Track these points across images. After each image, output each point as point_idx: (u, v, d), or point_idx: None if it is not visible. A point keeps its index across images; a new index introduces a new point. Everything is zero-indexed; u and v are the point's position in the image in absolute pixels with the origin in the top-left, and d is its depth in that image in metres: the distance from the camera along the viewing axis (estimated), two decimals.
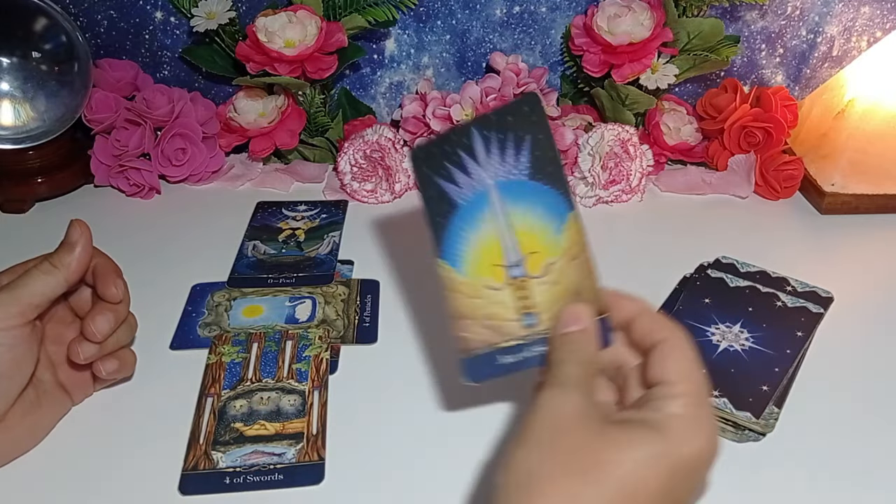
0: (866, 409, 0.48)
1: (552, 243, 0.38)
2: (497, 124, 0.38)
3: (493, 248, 0.38)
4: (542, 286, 0.38)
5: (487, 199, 0.38)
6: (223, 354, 0.50)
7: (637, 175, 0.70)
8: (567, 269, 0.38)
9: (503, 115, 0.38)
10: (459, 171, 0.38)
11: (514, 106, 0.38)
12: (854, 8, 0.74)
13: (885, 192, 0.68)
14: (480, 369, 0.39)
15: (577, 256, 0.38)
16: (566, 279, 0.38)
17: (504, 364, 0.38)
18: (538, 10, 0.74)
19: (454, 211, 0.38)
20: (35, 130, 0.65)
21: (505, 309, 0.38)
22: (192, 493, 0.40)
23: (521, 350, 0.38)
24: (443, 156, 0.38)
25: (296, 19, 0.66)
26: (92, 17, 0.72)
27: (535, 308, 0.38)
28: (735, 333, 0.51)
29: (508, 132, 0.38)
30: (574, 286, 0.38)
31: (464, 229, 0.38)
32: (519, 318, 0.38)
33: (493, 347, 0.38)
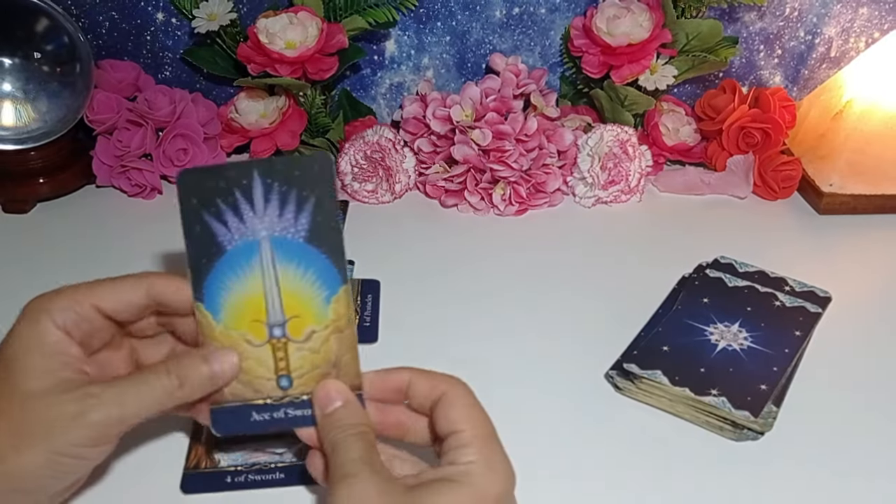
0: (864, 407, 0.48)
1: (318, 312, 0.37)
2: (282, 175, 0.36)
3: (256, 303, 0.37)
4: (302, 351, 0.37)
5: (258, 251, 0.37)
6: None
7: (636, 175, 0.70)
8: (330, 340, 0.38)
9: (291, 167, 0.36)
10: (232, 213, 0.36)
11: (304, 161, 0.37)
12: (852, 9, 0.75)
13: (883, 193, 0.68)
14: (229, 422, 0.38)
15: (342, 330, 0.38)
16: (326, 349, 0.38)
17: (255, 421, 0.38)
18: (538, 12, 0.74)
19: (220, 256, 0.37)
20: (37, 131, 0.65)
21: (261, 367, 0.37)
22: (194, 492, 0.41)
23: (273, 410, 0.38)
24: (216, 192, 0.36)
25: (297, 20, 0.66)
26: (93, 18, 0.72)
27: (292, 371, 0.37)
28: (733, 333, 0.51)
29: (293, 187, 0.36)
30: (334, 357, 0.38)
31: (228, 277, 0.37)
32: (274, 378, 0.38)
33: (246, 402, 0.38)
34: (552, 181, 0.68)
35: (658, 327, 0.52)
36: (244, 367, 0.38)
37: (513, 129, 0.65)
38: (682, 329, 0.51)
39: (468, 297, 0.57)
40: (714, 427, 0.45)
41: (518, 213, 0.68)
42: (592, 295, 0.58)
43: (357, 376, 0.38)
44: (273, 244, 0.37)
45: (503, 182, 0.67)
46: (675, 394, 0.46)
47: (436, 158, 0.69)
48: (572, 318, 0.55)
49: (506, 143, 0.65)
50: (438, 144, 0.68)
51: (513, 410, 0.47)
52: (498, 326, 0.54)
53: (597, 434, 0.45)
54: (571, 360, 0.51)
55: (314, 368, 0.38)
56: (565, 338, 0.53)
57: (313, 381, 0.38)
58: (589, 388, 0.49)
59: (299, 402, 0.38)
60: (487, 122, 0.65)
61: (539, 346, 0.52)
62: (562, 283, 0.59)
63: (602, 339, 0.52)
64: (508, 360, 0.51)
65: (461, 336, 0.53)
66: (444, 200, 0.69)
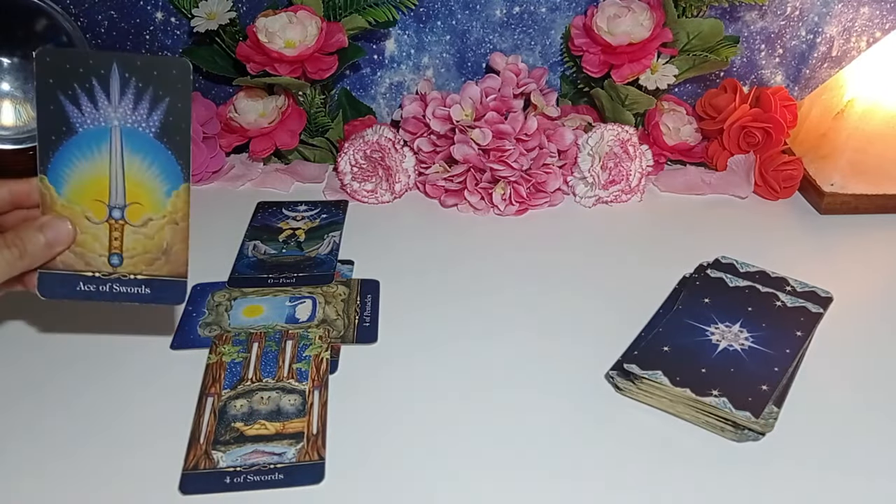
0: (866, 408, 0.48)
1: (158, 202, 0.42)
2: (141, 72, 0.39)
3: (99, 184, 0.41)
4: (137, 235, 0.42)
5: (108, 137, 0.40)
6: (224, 354, 0.50)
7: (636, 175, 0.70)
8: (164, 230, 0.42)
9: (150, 66, 0.39)
10: (87, 98, 0.39)
11: (163, 63, 0.39)
12: (853, 8, 0.74)
13: (885, 192, 0.68)
14: (55, 287, 0.42)
15: (178, 223, 0.42)
16: (160, 237, 0.42)
17: (80, 290, 0.42)
18: (538, 11, 0.74)
19: (70, 136, 0.40)
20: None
21: (96, 242, 0.42)
22: (193, 493, 0.41)
23: (99, 283, 0.42)
24: (73, 75, 0.39)
25: (296, 20, 0.66)
26: (92, 18, 0.72)
27: (124, 251, 0.42)
28: (735, 333, 0.51)
29: (149, 86, 0.39)
30: (165, 245, 0.42)
31: (75, 156, 0.40)
32: (106, 255, 0.42)
33: (75, 272, 0.42)
34: (552, 181, 0.68)
35: (659, 327, 0.51)
36: (79, 241, 0.41)
37: (513, 128, 0.65)
38: (683, 329, 0.51)
39: (468, 297, 0.57)
40: (715, 428, 0.45)
41: (518, 212, 0.68)
42: (593, 295, 0.58)
43: (184, 265, 0.43)
44: (123, 134, 0.40)
45: (503, 182, 0.67)
46: (676, 394, 0.46)
47: (436, 158, 0.69)
48: (572, 318, 0.55)
49: (506, 143, 0.65)
50: (438, 144, 0.68)
51: (513, 410, 0.47)
52: (498, 326, 0.54)
53: (597, 434, 0.45)
54: (571, 360, 0.51)
55: (145, 252, 0.42)
56: (565, 338, 0.53)
57: (143, 263, 0.42)
58: (589, 388, 0.49)
59: (126, 280, 0.42)
60: (487, 121, 0.65)
61: (539, 346, 0.52)
62: (562, 283, 0.59)
63: (602, 339, 0.52)
64: (508, 360, 0.51)
65: (461, 336, 0.53)
66: (444, 200, 0.69)
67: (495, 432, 0.45)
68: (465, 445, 0.44)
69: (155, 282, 0.43)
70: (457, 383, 0.49)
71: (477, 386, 0.49)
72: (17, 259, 0.39)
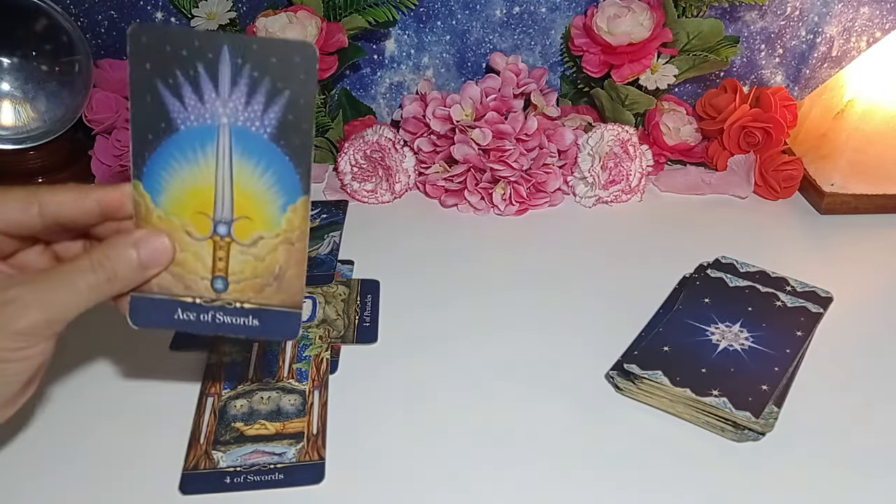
0: (866, 408, 0.48)
1: (271, 218, 0.34)
2: (257, 58, 0.32)
3: (203, 193, 0.34)
4: (245, 256, 0.35)
5: (215, 137, 0.33)
6: (224, 354, 0.50)
7: (637, 175, 0.70)
8: (277, 250, 0.35)
9: (268, 51, 0.32)
10: (191, 89, 0.32)
11: (284, 47, 0.32)
12: (853, 8, 0.74)
13: (885, 192, 0.68)
14: (150, 314, 0.35)
15: (293, 243, 0.35)
16: (272, 259, 0.35)
17: (178, 319, 0.36)
18: (538, 11, 0.74)
19: (170, 134, 0.33)
20: (36, 131, 0.65)
21: (198, 262, 0.35)
22: (193, 493, 0.41)
23: (200, 311, 0.35)
24: (175, 59, 0.32)
25: (296, 20, 0.66)
26: (93, 18, 0.72)
27: (230, 275, 0.35)
28: (735, 333, 0.51)
29: (266, 75, 0.32)
30: (277, 270, 0.35)
31: (176, 159, 0.33)
32: (209, 278, 0.35)
33: (172, 297, 0.35)
34: (552, 181, 0.68)
35: (659, 327, 0.51)
36: (178, 260, 0.35)
37: (513, 128, 0.65)
38: (683, 329, 0.51)
39: (468, 297, 0.57)
40: (715, 428, 0.45)
41: (518, 212, 0.68)
42: (593, 295, 0.57)
43: (299, 293, 0.36)
44: (233, 134, 0.33)
45: (503, 182, 0.67)
46: (676, 394, 0.46)
47: (436, 158, 0.69)
48: (572, 317, 0.55)
49: (506, 143, 0.65)
50: (438, 144, 0.68)
51: (513, 410, 0.47)
52: (498, 326, 0.54)
53: (597, 434, 0.45)
54: (571, 360, 0.51)
55: (254, 277, 0.35)
56: (565, 338, 0.53)
57: (250, 289, 0.35)
58: (589, 388, 0.49)
59: (231, 309, 0.35)
60: (487, 121, 0.65)
61: (539, 346, 0.52)
62: (562, 283, 0.59)
63: (602, 339, 0.52)
64: (508, 360, 0.51)
65: (461, 336, 0.53)
66: (444, 200, 0.69)
67: (495, 432, 0.45)
68: (465, 445, 0.44)
69: (265, 312, 0.36)
70: (457, 383, 0.49)
71: (477, 386, 0.49)
72: (105, 283, 0.33)
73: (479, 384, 0.49)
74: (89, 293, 0.33)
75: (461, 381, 0.49)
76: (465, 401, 0.47)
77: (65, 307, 0.33)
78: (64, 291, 0.33)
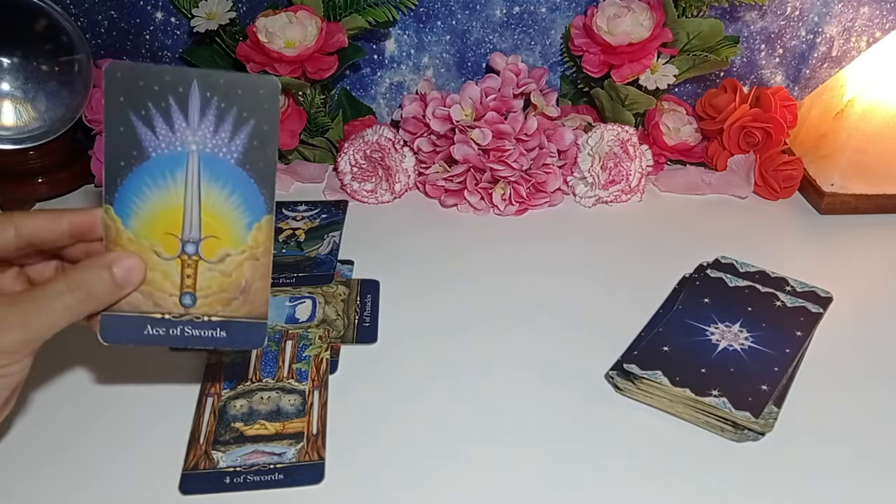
0: (865, 408, 0.48)
1: (237, 236, 0.37)
2: (224, 91, 0.35)
3: (172, 216, 0.37)
4: (212, 272, 0.37)
5: (185, 163, 0.36)
6: (223, 354, 0.50)
7: (636, 175, 0.70)
8: (243, 266, 0.38)
9: (234, 85, 0.35)
10: (163, 120, 0.35)
11: (249, 82, 0.35)
12: (853, 8, 0.74)
13: (885, 192, 0.68)
14: (120, 331, 0.37)
15: (258, 258, 0.38)
16: (238, 274, 0.38)
17: (148, 335, 0.38)
18: (538, 11, 0.74)
19: (142, 161, 0.36)
20: (36, 131, 0.65)
21: (166, 281, 0.37)
22: (193, 493, 0.41)
23: (170, 326, 0.38)
24: (147, 93, 0.35)
25: (296, 20, 0.66)
26: (92, 18, 0.72)
27: (198, 290, 0.38)
28: (734, 333, 0.51)
29: (233, 106, 0.35)
30: (244, 284, 0.38)
31: (147, 184, 0.36)
32: (177, 295, 0.37)
33: (142, 314, 0.37)
34: (552, 181, 0.68)
35: (658, 327, 0.51)
36: (148, 279, 0.37)
37: (513, 128, 0.65)
38: (683, 329, 0.51)
39: (468, 297, 0.57)
40: (715, 428, 0.45)
41: (518, 212, 0.68)
42: (592, 295, 0.57)
43: (264, 305, 0.39)
44: (202, 160, 0.36)
45: (503, 182, 0.67)
46: (676, 394, 0.46)
47: (436, 158, 0.69)
48: (572, 317, 0.55)
49: (506, 143, 0.65)
50: (438, 144, 0.68)
51: (512, 410, 0.47)
52: (498, 326, 0.54)
53: (597, 434, 0.45)
54: (571, 360, 0.51)
55: (221, 291, 0.38)
56: (565, 338, 0.53)
57: (218, 303, 0.38)
58: (589, 388, 0.49)
59: (199, 322, 0.38)
60: (487, 121, 0.65)
61: (539, 345, 0.52)
62: (562, 284, 0.59)
63: (602, 339, 0.52)
64: (508, 360, 0.51)
65: (461, 336, 0.53)
66: (444, 200, 0.69)
67: (495, 432, 0.45)
68: (465, 445, 0.44)
69: (232, 324, 0.39)
70: (456, 383, 0.49)
71: (476, 386, 0.49)
72: (80, 303, 0.35)
73: (479, 384, 0.49)
74: (66, 313, 0.35)
75: (461, 381, 0.49)
76: (465, 401, 0.47)
77: (43, 328, 0.35)
78: (43, 313, 0.34)
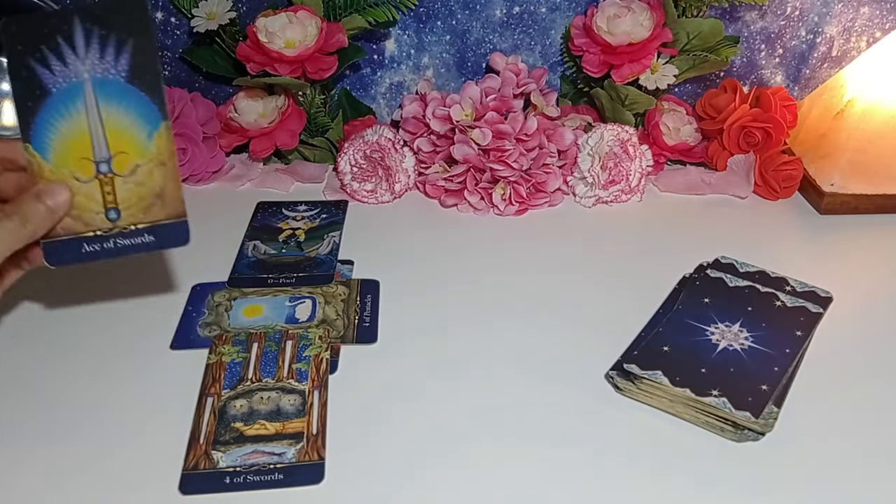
0: (865, 408, 0.48)
1: (141, 147, 0.42)
2: (101, 20, 0.40)
3: (82, 142, 0.41)
4: (128, 185, 0.42)
5: (82, 92, 0.40)
6: (223, 354, 0.50)
7: (636, 175, 0.70)
8: (154, 173, 0.42)
9: (109, 11, 0.40)
10: (55, 57, 0.40)
11: (119, 4, 0.40)
12: (853, 8, 0.74)
13: (885, 192, 0.68)
14: (62, 254, 0.42)
15: (165, 163, 0.42)
16: (151, 182, 0.42)
17: (86, 252, 0.42)
18: (538, 11, 0.74)
19: (45, 98, 0.40)
20: None
21: (90, 201, 0.41)
22: (193, 493, 0.41)
23: (103, 241, 0.42)
24: (39, 38, 0.40)
25: (296, 20, 0.66)
26: None
27: (119, 204, 0.42)
28: (734, 333, 0.51)
29: (112, 31, 0.40)
30: (158, 189, 0.42)
31: (55, 118, 0.40)
32: (102, 212, 0.42)
33: (77, 235, 0.42)
34: (552, 181, 0.68)
35: (659, 327, 0.51)
36: (74, 203, 0.41)
37: (513, 128, 0.65)
38: (683, 329, 0.51)
39: (468, 298, 0.57)
40: (715, 428, 0.45)
41: (518, 212, 0.68)
42: (592, 295, 0.58)
43: (181, 204, 0.43)
44: (95, 84, 0.40)
45: (503, 182, 0.67)
46: (676, 394, 0.46)
47: (436, 158, 0.69)
48: (572, 317, 0.55)
49: (506, 143, 0.65)
50: (438, 144, 0.68)
51: (512, 411, 0.47)
52: (498, 326, 0.54)
53: (597, 434, 0.45)
54: (571, 361, 0.51)
55: (140, 200, 0.42)
56: (565, 338, 0.53)
57: (140, 212, 0.42)
58: (589, 388, 0.49)
59: (128, 232, 0.42)
60: (487, 121, 0.65)
61: (539, 345, 0.52)
62: (562, 284, 0.59)
63: (602, 339, 0.52)
64: (508, 360, 0.51)
65: (461, 336, 0.53)
66: (444, 200, 0.69)
67: (494, 433, 0.45)
68: (465, 445, 0.44)
69: (157, 228, 0.43)
70: (456, 383, 0.49)
71: (476, 386, 0.49)
72: (19, 228, 0.39)
73: (479, 384, 0.49)
74: (8, 237, 0.39)
75: (461, 381, 0.49)
76: (465, 401, 0.47)
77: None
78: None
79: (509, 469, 0.43)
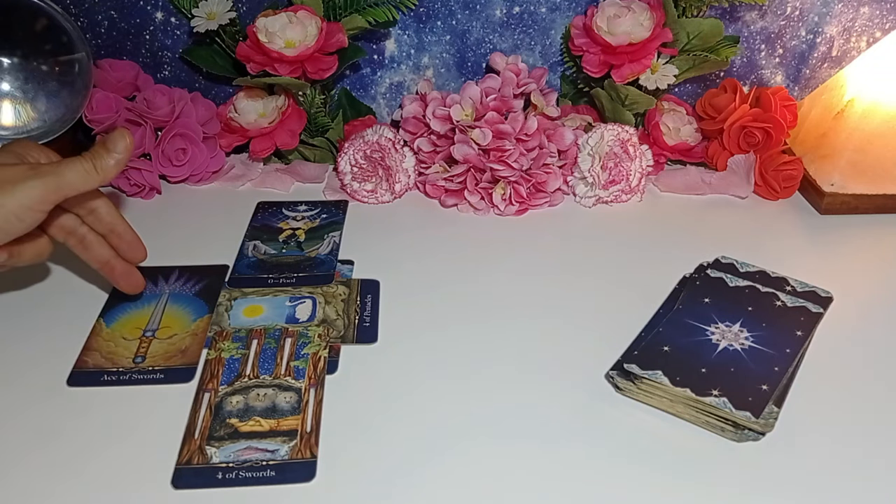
0: (866, 408, 0.47)
1: (184, 325, 0.52)
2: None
3: (142, 319, 0.53)
4: (161, 344, 0.50)
5: (160, 297, 0.55)
6: (223, 350, 0.50)
7: (637, 175, 0.70)
8: (185, 337, 0.51)
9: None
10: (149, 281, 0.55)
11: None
12: (853, 8, 0.74)
13: (885, 192, 0.68)
14: (82, 379, 0.48)
15: (198, 334, 0.51)
16: (180, 341, 0.51)
17: (103, 381, 0.48)
18: (538, 11, 0.74)
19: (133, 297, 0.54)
20: (36, 131, 0.65)
21: (126, 350, 0.50)
22: (185, 487, 0.40)
23: (120, 375, 0.48)
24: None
25: (296, 20, 0.66)
26: (93, 18, 0.72)
27: (147, 354, 0.49)
28: (735, 333, 0.50)
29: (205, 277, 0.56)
30: (181, 348, 0.50)
31: (129, 307, 0.54)
32: (132, 357, 0.49)
33: (100, 369, 0.48)
34: (552, 181, 0.68)
35: (659, 327, 0.51)
36: (111, 351, 0.49)
37: (513, 128, 0.65)
38: (683, 329, 0.51)
39: (468, 298, 0.57)
40: (715, 428, 0.45)
41: (518, 212, 0.68)
42: (592, 295, 0.57)
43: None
44: (170, 296, 0.55)
45: (503, 182, 0.67)
46: (676, 394, 0.46)
47: (436, 158, 0.68)
48: (572, 317, 0.55)
49: (506, 143, 0.65)
50: (438, 144, 0.68)
51: (512, 411, 0.46)
52: (498, 326, 0.54)
53: (597, 434, 0.45)
54: (571, 360, 0.51)
55: (165, 352, 0.50)
56: (565, 338, 0.53)
57: None
58: (589, 388, 0.48)
59: (144, 372, 0.49)
60: (487, 121, 0.65)
61: (539, 345, 0.52)
62: (562, 283, 0.59)
63: (602, 339, 0.52)
64: (508, 360, 0.51)
65: (461, 336, 0.53)
66: (444, 200, 0.69)
67: (494, 432, 0.45)
68: (463, 446, 0.44)
69: None
70: (456, 383, 0.49)
71: (476, 386, 0.49)
72: (91, 170, 0.45)
73: (479, 384, 0.49)
74: (84, 174, 0.45)
75: (460, 381, 0.49)
76: (464, 401, 0.47)
77: (68, 180, 0.44)
78: (68, 169, 0.44)
79: (508, 469, 0.42)
